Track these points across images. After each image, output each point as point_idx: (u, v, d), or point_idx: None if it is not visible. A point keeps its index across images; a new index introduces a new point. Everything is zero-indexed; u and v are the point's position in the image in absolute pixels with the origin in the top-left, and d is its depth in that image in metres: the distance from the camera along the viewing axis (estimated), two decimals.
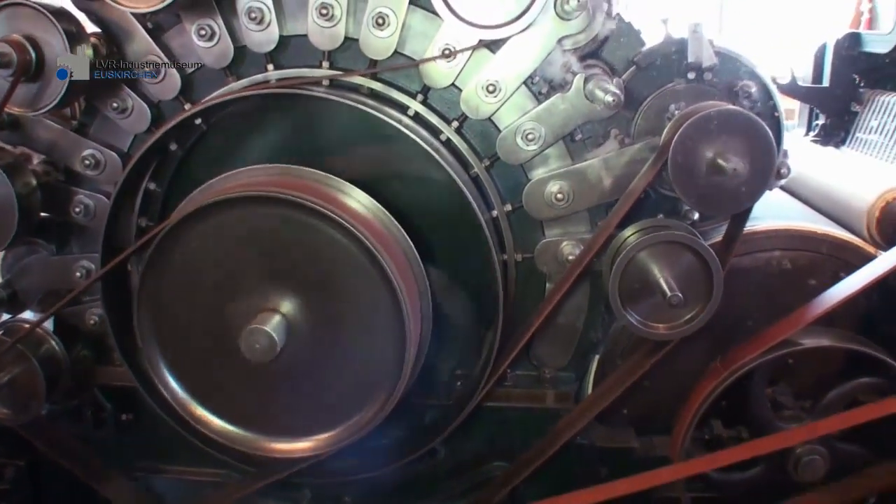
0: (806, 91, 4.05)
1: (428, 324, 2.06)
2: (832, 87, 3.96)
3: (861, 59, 3.93)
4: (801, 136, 4.14)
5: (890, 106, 3.69)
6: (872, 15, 8.08)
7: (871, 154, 3.69)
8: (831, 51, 3.96)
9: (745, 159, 1.87)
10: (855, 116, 3.90)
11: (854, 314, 2.28)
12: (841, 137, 3.94)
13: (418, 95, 2.14)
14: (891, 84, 3.83)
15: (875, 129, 3.73)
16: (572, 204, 2.13)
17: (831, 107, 3.97)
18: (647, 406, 2.33)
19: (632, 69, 2.13)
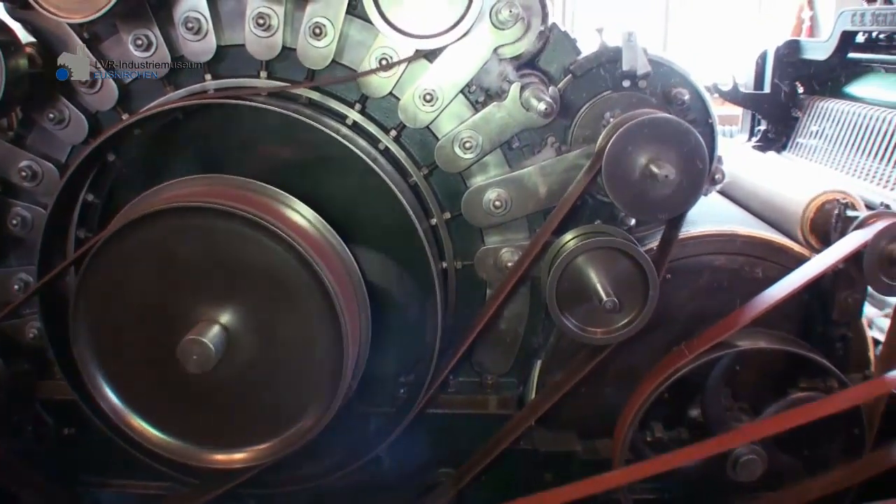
0: (748, 97, 4.14)
1: (367, 333, 2.06)
2: (773, 94, 4.05)
3: (801, 65, 4.02)
4: (744, 141, 4.22)
5: (828, 111, 3.77)
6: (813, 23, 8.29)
7: (810, 159, 3.78)
8: (772, 58, 4.04)
9: (677, 165, 1.90)
10: (795, 122, 3.98)
11: (790, 316, 2.31)
12: (782, 143, 4.03)
13: (356, 105, 2.16)
14: (829, 90, 3.92)
15: (815, 134, 3.81)
16: (510, 211, 2.16)
17: (772, 113, 4.06)
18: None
19: (568, 78, 2.16)
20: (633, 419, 2.17)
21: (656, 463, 2.13)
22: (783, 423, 2.13)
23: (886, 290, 2.17)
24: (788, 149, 4.02)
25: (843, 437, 2.25)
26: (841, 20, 3.76)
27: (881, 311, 2.55)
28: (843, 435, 2.25)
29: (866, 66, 3.96)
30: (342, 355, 1.91)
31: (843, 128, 3.63)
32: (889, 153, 3.31)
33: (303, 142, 2.10)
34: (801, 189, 2.45)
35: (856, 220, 2.18)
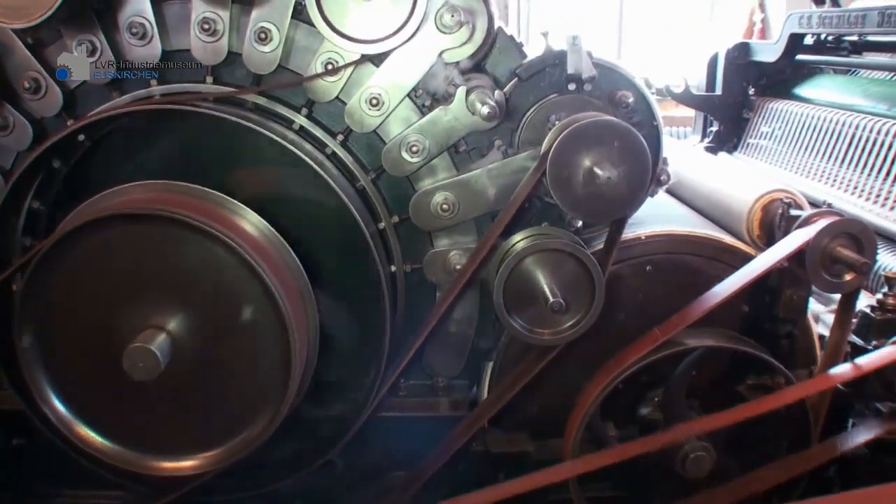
0: (699, 99, 4.20)
1: (315, 338, 2.07)
2: (724, 95, 4.11)
3: (751, 67, 4.09)
4: (696, 142, 4.27)
5: (778, 112, 3.83)
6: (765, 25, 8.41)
7: (761, 159, 3.84)
8: (723, 60, 4.10)
9: (620, 168, 1.92)
10: (746, 123, 4.04)
11: (737, 314, 2.34)
12: (734, 143, 4.09)
13: (303, 109, 2.16)
14: (779, 91, 3.98)
15: (765, 134, 3.88)
16: (458, 214, 2.17)
17: (724, 114, 4.12)
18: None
19: (514, 81, 2.17)
20: (582, 419, 2.19)
21: (604, 456, 2.16)
22: (730, 419, 2.16)
23: (829, 288, 2.21)
24: (740, 149, 4.08)
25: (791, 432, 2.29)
26: (789, 23, 3.83)
27: (827, 307, 2.59)
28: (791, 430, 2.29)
29: (815, 67, 4.04)
30: (290, 361, 1.91)
31: (792, 128, 3.70)
32: (836, 153, 3.37)
33: (249, 147, 2.09)
34: (747, 189, 2.48)
35: (799, 219, 2.21)
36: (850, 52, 4.05)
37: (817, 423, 2.27)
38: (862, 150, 3.22)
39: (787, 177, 3.55)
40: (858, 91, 3.56)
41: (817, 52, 4.07)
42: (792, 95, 3.90)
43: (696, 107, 4.31)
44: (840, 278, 2.14)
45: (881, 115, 3.24)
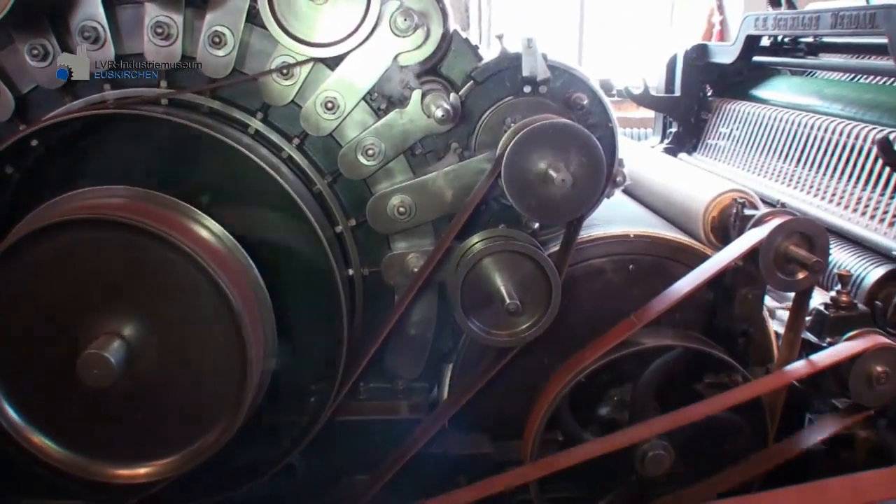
0: (659, 100, 4.23)
1: (272, 343, 2.06)
2: (683, 97, 4.16)
3: (709, 69, 4.13)
4: (656, 143, 4.31)
5: (736, 113, 3.88)
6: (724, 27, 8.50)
7: (719, 159, 3.88)
8: (681, 62, 4.14)
9: (574, 169, 1.94)
10: (705, 124, 4.09)
11: (695, 313, 2.37)
12: (693, 144, 4.13)
13: (258, 113, 2.15)
14: (736, 92, 4.03)
15: (723, 135, 3.92)
16: (415, 217, 2.17)
17: (682, 115, 4.17)
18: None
19: (469, 84, 2.17)
20: (542, 417, 2.20)
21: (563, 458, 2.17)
22: (687, 417, 2.19)
23: (782, 286, 2.24)
24: (699, 150, 4.13)
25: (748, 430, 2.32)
26: (745, 25, 3.87)
27: (781, 303, 2.62)
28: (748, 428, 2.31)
29: (772, 68, 4.09)
30: (246, 366, 1.90)
31: (749, 129, 3.74)
32: (792, 153, 3.42)
33: (204, 152, 2.08)
34: (703, 189, 2.51)
35: (752, 219, 2.24)
36: (806, 54, 4.11)
37: (773, 420, 2.30)
38: (817, 149, 3.26)
39: (745, 177, 3.59)
40: (814, 92, 3.61)
41: (774, 53, 4.12)
42: (749, 96, 3.95)
43: (656, 108, 4.35)
44: (793, 277, 2.17)
45: (836, 115, 3.29)
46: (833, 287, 2.43)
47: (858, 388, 2.19)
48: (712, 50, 4.15)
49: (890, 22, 2.86)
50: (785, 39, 4.10)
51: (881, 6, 2.99)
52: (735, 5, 8.29)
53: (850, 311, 2.33)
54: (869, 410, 2.25)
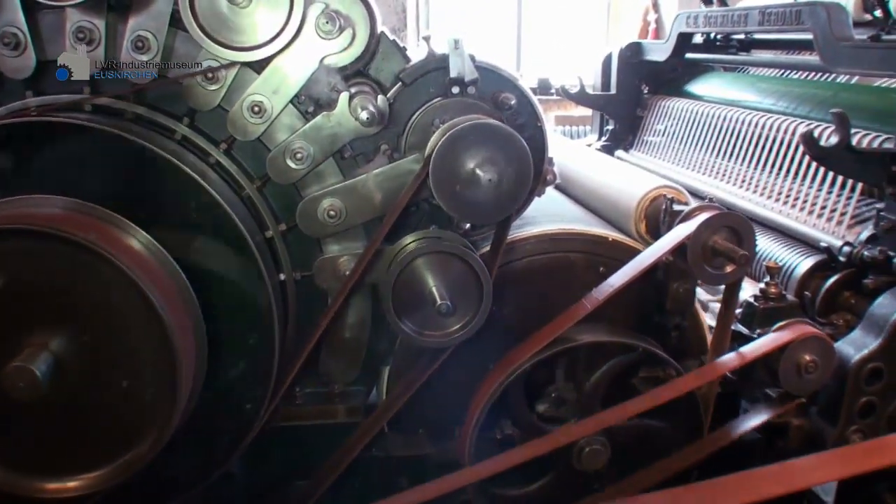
0: (595, 98, 4.27)
1: (203, 350, 2.03)
2: (619, 94, 4.21)
3: (643, 66, 4.19)
4: (594, 140, 4.35)
5: (670, 110, 3.93)
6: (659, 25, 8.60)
7: (656, 155, 3.93)
8: (616, 60, 4.18)
9: (502, 169, 1.95)
10: (641, 121, 4.13)
11: (629, 308, 2.39)
12: (630, 141, 4.17)
13: (184, 118, 2.12)
14: (671, 89, 4.09)
15: (659, 132, 3.97)
16: (346, 220, 2.17)
17: (619, 113, 4.22)
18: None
19: (398, 86, 2.17)
20: (478, 416, 2.21)
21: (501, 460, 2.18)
22: (623, 413, 2.21)
23: (711, 280, 2.27)
24: (635, 147, 4.18)
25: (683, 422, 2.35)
26: (677, 23, 3.93)
27: (715, 296, 2.66)
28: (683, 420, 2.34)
29: (706, 65, 4.16)
30: (176, 376, 1.88)
31: (684, 125, 3.80)
32: (725, 147, 3.47)
33: (130, 159, 2.04)
34: (634, 186, 2.54)
35: (681, 214, 2.27)
36: (738, 50, 4.19)
37: (707, 412, 2.33)
38: (749, 144, 3.32)
39: (680, 172, 3.64)
40: (745, 87, 3.68)
41: (707, 50, 4.19)
42: (683, 93, 4.01)
43: (592, 106, 4.39)
44: (721, 270, 2.20)
45: (766, 110, 3.35)
46: (763, 279, 2.47)
47: (788, 377, 2.22)
48: (646, 48, 4.20)
49: (814, 18, 2.92)
50: (717, 36, 4.17)
51: (806, 3, 3.04)
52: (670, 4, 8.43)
53: (779, 302, 2.37)
54: (800, 399, 2.29)
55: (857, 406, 2.31)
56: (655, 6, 8.57)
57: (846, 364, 2.28)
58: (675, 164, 3.75)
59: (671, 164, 3.78)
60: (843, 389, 2.30)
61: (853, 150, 2.47)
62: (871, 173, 2.48)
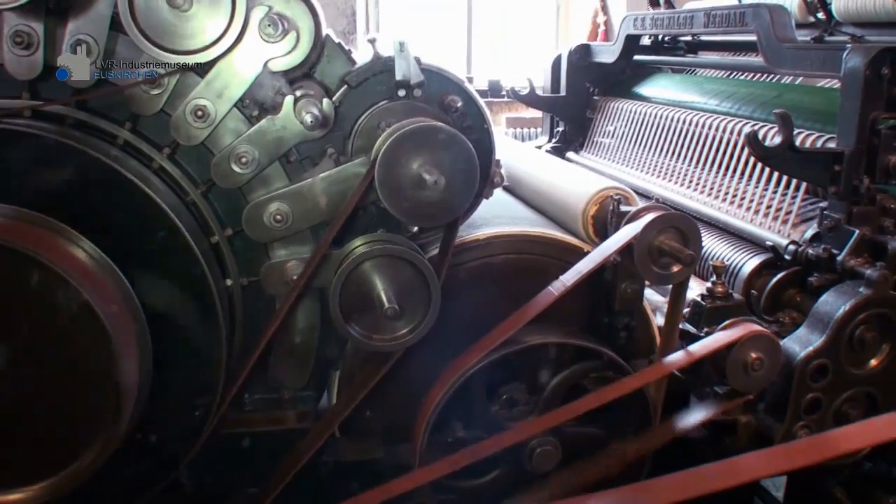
0: (545, 100, 4.30)
1: (148, 360, 2.00)
2: (568, 96, 4.24)
3: (592, 68, 4.22)
4: (544, 142, 4.37)
5: (618, 111, 3.96)
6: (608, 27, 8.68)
7: (605, 157, 3.96)
8: (565, 62, 4.21)
9: (447, 172, 1.95)
10: (590, 122, 4.16)
11: (578, 309, 2.41)
12: (580, 142, 4.20)
13: (126, 124, 2.09)
14: (620, 91, 4.12)
15: (609, 133, 4.00)
16: (292, 224, 2.15)
17: (569, 114, 4.24)
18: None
19: (344, 89, 2.16)
20: (428, 420, 2.20)
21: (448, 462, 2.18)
22: (571, 412, 2.22)
23: (658, 280, 2.29)
24: (585, 148, 4.20)
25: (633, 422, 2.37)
26: (625, 25, 3.96)
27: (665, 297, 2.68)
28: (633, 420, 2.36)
29: (654, 67, 4.20)
30: (121, 386, 1.85)
31: (632, 126, 3.83)
32: (673, 148, 3.51)
33: (72, 165, 2.00)
34: (582, 187, 2.55)
35: (628, 215, 2.29)
36: (686, 52, 4.24)
37: (656, 411, 2.35)
38: (696, 144, 3.36)
39: (629, 173, 3.68)
40: (693, 88, 3.72)
41: (655, 52, 4.24)
42: (631, 94, 4.04)
43: (542, 108, 4.42)
44: (668, 270, 2.22)
45: (712, 111, 3.39)
46: (710, 278, 2.50)
47: (735, 375, 2.24)
48: (595, 50, 4.23)
49: (758, 20, 2.96)
50: (665, 38, 4.22)
51: (749, 5, 3.09)
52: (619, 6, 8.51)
53: (726, 301, 2.40)
54: (747, 396, 2.32)
55: (803, 402, 2.35)
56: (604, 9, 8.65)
57: (792, 361, 2.32)
58: (625, 164, 3.79)
59: (621, 165, 3.81)
60: (790, 386, 2.33)
61: (796, 149, 2.51)
62: (814, 173, 2.52)
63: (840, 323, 2.29)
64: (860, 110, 2.39)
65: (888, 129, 2.40)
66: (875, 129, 2.40)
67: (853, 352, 2.33)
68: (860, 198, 2.43)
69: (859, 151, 2.41)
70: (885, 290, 2.28)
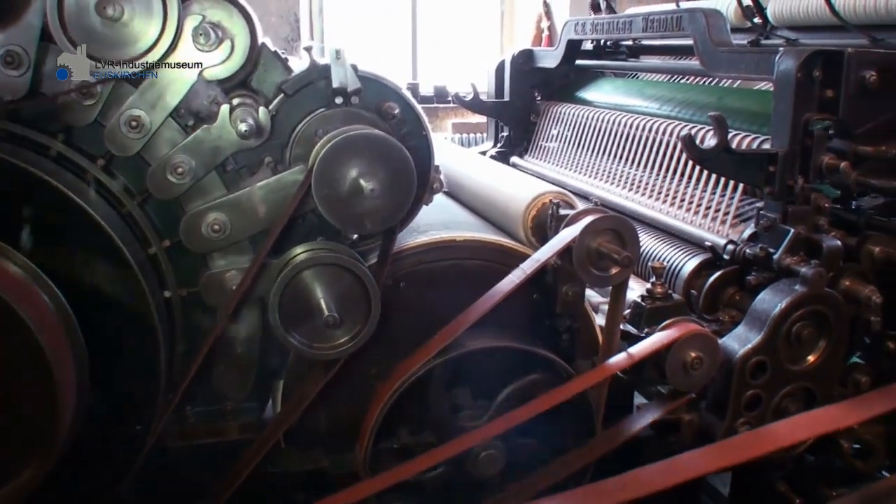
0: (489, 106, 4.32)
1: (85, 375, 1.97)
2: (512, 101, 4.26)
3: (535, 73, 4.24)
4: (490, 147, 4.39)
5: (561, 115, 4.00)
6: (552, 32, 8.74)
7: (550, 161, 3.99)
8: (509, 67, 4.23)
9: (384, 179, 1.96)
10: (535, 127, 4.19)
11: (521, 313, 2.42)
12: (524, 147, 4.22)
13: (59, 135, 2.06)
14: (563, 95, 4.16)
15: (553, 137, 4.03)
16: (230, 234, 2.14)
17: (513, 119, 4.27)
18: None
19: (280, 97, 2.16)
20: (372, 427, 2.20)
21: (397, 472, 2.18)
22: (515, 418, 2.23)
23: (597, 282, 2.31)
24: (530, 152, 4.23)
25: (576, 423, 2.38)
26: (566, 30, 4.00)
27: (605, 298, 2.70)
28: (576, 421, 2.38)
29: (597, 71, 4.24)
30: (56, 402, 1.82)
31: (575, 130, 3.86)
32: (615, 151, 3.54)
33: (3, 178, 1.96)
34: (522, 192, 2.57)
35: (567, 218, 2.31)
36: (628, 56, 4.28)
37: (599, 413, 2.37)
38: (636, 147, 3.40)
39: (573, 177, 3.71)
40: (634, 92, 3.76)
41: (598, 56, 4.29)
42: (574, 99, 4.08)
43: (487, 113, 4.43)
44: (607, 272, 2.25)
45: (652, 114, 3.43)
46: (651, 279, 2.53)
47: (675, 374, 2.27)
48: (537, 55, 4.26)
49: (694, 24, 3.01)
50: (608, 43, 4.27)
51: (686, 10, 3.14)
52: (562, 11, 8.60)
53: (665, 301, 2.44)
54: (689, 395, 2.34)
55: (743, 399, 2.37)
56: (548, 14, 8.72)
57: (731, 359, 2.34)
58: (569, 168, 3.82)
59: (564, 168, 3.84)
60: (730, 384, 2.36)
61: (731, 151, 2.55)
62: (750, 174, 2.56)
63: (777, 320, 2.32)
64: (793, 112, 2.44)
65: (820, 129, 2.45)
66: (808, 131, 2.44)
67: (791, 348, 2.37)
68: (795, 197, 2.47)
69: (793, 152, 2.45)
70: (819, 287, 2.32)
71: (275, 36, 8.18)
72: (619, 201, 3.28)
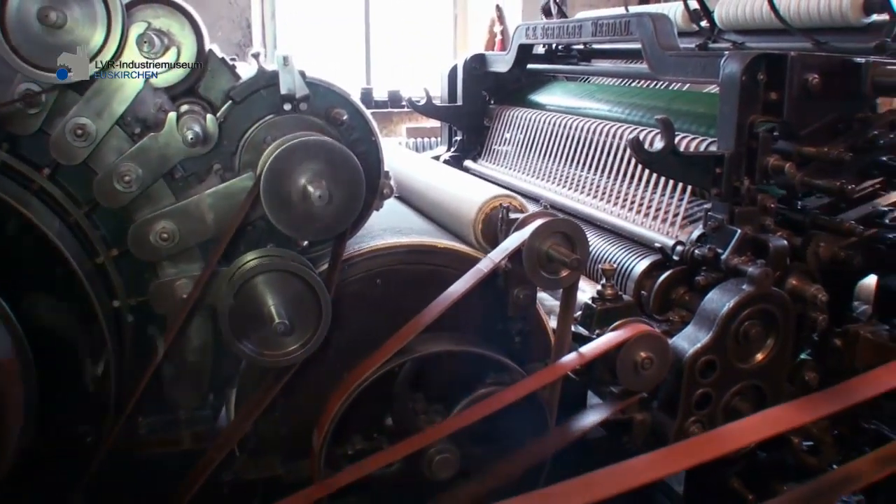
0: (442, 110, 4.34)
1: (32, 387, 1.95)
2: (465, 105, 4.28)
3: (488, 77, 4.27)
4: (443, 151, 4.41)
5: (513, 119, 4.03)
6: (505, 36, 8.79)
7: (503, 164, 4.02)
8: (461, 71, 4.25)
9: (332, 185, 1.96)
10: (487, 131, 4.22)
11: (475, 316, 2.43)
12: (477, 151, 4.24)
13: (3, 144, 2.04)
14: (515, 99, 4.19)
15: (505, 141, 4.06)
16: (179, 242, 2.12)
17: (466, 123, 4.29)
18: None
19: (228, 104, 2.15)
20: (325, 433, 2.20)
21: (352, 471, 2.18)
22: (467, 419, 2.24)
23: (548, 285, 2.33)
24: (483, 156, 4.25)
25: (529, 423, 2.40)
26: (517, 34, 4.03)
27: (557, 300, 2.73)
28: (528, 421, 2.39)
29: (549, 75, 4.28)
30: (4, 416, 1.81)
31: (527, 133, 3.89)
32: (566, 154, 3.57)
33: None
34: (473, 195, 2.58)
35: (517, 222, 2.33)
36: (579, 60, 4.33)
37: (551, 413, 2.39)
38: (587, 150, 3.43)
39: (525, 180, 3.73)
40: (585, 96, 3.79)
41: (550, 60, 4.32)
42: (527, 103, 4.10)
43: (440, 118, 4.45)
44: (557, 275, 2.26)
45: (602, 117, 3.47)
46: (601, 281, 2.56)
47: (625, 374, 2.29)
48: (490, 59, 4.29)
49: (642, 28, 3.04)
50: (559, 47, 4.30)
51: (634, 14, 3.18)
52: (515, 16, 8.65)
53: (615, 302, 2.47)
54: (639, 394, 2.37)
55: (693, 398, 2.41)
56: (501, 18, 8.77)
57: (681, 358, 2.38)
58: (521, 171, 3.84)
59: (517, 172, 3.87)
60: (680, 383, 2.39)
61: (678, 153, 2.58)
62: (697, 175, 2.60)
63: (725, 319, 2.35)
64: (738, 114, 2.48)
65: (765, 131, 2.49)
66: (753, 132, 2.49)
67: (739, 347, 2.40)
68: (741, 198, 2.52)
69: (738, 154, 2.49)
70: (766, 286, 2.36)
71: (227, 41, 8.12)
72: (570, 204, 3.31)
